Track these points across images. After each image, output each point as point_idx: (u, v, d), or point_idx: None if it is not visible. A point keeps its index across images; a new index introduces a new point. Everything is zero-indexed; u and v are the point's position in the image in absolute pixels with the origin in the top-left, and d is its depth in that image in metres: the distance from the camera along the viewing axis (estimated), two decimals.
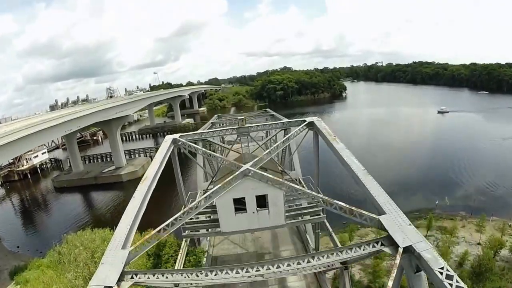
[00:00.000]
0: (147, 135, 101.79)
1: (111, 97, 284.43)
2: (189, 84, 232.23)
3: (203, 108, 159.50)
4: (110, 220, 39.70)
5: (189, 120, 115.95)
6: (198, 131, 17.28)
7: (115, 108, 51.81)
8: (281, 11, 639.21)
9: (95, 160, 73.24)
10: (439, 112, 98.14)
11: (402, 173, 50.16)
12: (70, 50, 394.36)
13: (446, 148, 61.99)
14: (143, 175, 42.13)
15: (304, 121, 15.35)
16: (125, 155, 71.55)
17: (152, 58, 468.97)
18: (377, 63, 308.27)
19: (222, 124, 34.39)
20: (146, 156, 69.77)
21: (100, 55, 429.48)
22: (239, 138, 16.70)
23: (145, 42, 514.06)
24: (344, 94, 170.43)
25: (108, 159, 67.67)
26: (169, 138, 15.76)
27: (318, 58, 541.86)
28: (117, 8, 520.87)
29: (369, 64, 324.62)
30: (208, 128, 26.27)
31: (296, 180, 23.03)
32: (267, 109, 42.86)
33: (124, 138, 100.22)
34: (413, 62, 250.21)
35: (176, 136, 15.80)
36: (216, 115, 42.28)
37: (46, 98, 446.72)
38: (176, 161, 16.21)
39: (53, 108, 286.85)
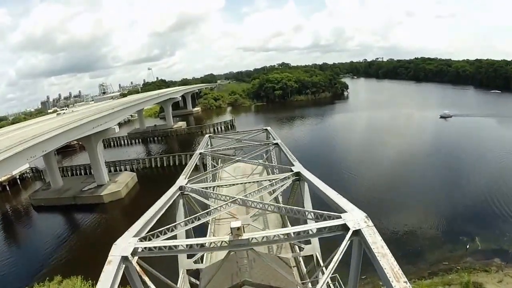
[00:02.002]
0: (137, 140, 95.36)
1: (104, 93, 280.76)
2: (184, 82, 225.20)
3: (198, 108, 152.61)
4: (85, 260, 34.19)
5: (182, 124, 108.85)
6: (160, 243, 10.52)
7: (92, 122, 45.17)
8: (279, 5, 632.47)
9: (77, 172, 67.18)
10: (441, 117, 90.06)
11: (417, 199, 43.77)
12: (65, 44, 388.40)
13: (457, 165, 54.48)
14: (126, 195, 35.88)
15: (346, 227, 9.29)
16: (110, 166, 65.77)
17: (147, 53, 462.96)
18: (377, 58, 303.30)
19: (215, 161, 28.46)
20: (133, 170, 63.65)
21: (95, 49, 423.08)
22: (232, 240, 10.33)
23: (141, 36, 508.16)
24: (345, 94, 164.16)
25: (92, 171, 61.55)
26: (115, 256, 9.29)
27: (316, 53, 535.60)
28: (113, 1, 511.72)
29: (368, 59, 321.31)
30: (188, 176, 20.14)
31: (313, 259, 17.25)
32: (268, 129, 36.54)
33: (112, 144, 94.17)
34: (415, 58, 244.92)
35: (127, 251, 9.45)
36: (207, 136, 36.11)
37: (39, 93, 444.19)
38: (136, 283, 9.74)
39: (44, 104, 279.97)
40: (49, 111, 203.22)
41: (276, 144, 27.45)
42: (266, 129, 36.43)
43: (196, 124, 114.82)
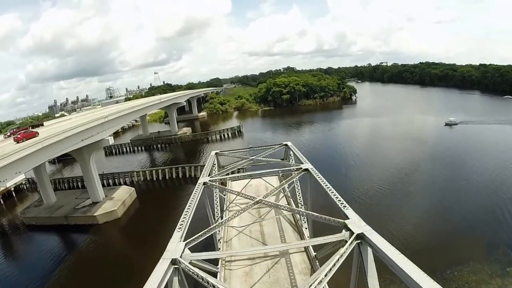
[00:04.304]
0: (139, 148, 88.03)
1: (111, 97, 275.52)
2: (189, 86, 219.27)
3: (203, 113, 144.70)
4: None
5: (187, 130, 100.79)
6: None
7: (80, 134, 37.86)
8: (284, 10, 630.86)
9: (74, 185, 60.09)
10: (446, 124, 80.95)
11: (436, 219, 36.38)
12: (73, 48, 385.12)
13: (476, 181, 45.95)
14: (124, 215, 27.70)
15: None
16: (109, 178, 58.75)
17: (154, 57, 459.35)
18: (381, 63, 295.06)
19: (223, 192, 21.24)
20: (132, 183, 56.47)
21: (103, 54, 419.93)
22: None
23: (148, 41, 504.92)
24: (354, 98, 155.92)
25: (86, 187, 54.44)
26: None
27: (320, 58, 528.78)
28: (121, 7, 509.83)
29: (372, 63, 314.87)
30: (185, 232, 13.02)
31: None
32: (289, 145, 29.02)
33: (113, 152, 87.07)
34: (420, 62, 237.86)
35: None
36: (214, 154, 28.83)
37: (48, 97, 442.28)
38: None
39: (51, 108, 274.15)
40: (56, 115, 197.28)
41: (306, 170, 19.94)
42: (286, 145, 29.00)
43: (202, 129, 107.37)
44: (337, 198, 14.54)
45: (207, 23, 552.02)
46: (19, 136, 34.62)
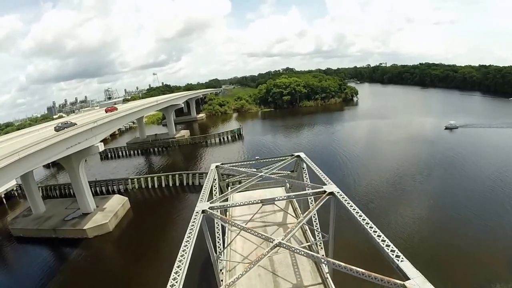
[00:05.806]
0: (136, 151, 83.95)
1: (109, 98, 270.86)
2: (188, 87, 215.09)
3: (202, 115, 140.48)
4: None
5: (185, 133, 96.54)
6: None
7: (65, 141, 33.91)
8: (283, 11, 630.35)
9: (66, 192, 56.19)
10: (446, 128, 77.31)
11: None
12: (74, 50, 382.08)
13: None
14: (116, 228, 23.22)
15: None
16: (102, 185, 55.17)
17: (154, 58, 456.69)
18: (380, 64, 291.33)
19: (225, 220, 17.52)
20: (127, 191, 52.59)
21: (104, 55, 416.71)
22: None
23: (148, 42, 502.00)
24: (355, 99, 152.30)
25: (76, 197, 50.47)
26: None
27: (319, 59, 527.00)
28: (122, 8, 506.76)
29: (371, 64, 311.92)
30: None
31: None
32: (302, 156, 24.89)
33: (109, 155, 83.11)
34: (420, 63, 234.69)
35: None
36: (214, 168, 25.01)
37: (48, 98, 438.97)
38: None
39: (50, 110, 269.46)
40: (54, 116, 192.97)
41: (330, 194, 15.88)
42: (299, 156, 25.03)
43: (200, 132, 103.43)
44: (384, 242, 10.65)
45: (207, 24, 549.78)
46: (108, 108, 68.77)
